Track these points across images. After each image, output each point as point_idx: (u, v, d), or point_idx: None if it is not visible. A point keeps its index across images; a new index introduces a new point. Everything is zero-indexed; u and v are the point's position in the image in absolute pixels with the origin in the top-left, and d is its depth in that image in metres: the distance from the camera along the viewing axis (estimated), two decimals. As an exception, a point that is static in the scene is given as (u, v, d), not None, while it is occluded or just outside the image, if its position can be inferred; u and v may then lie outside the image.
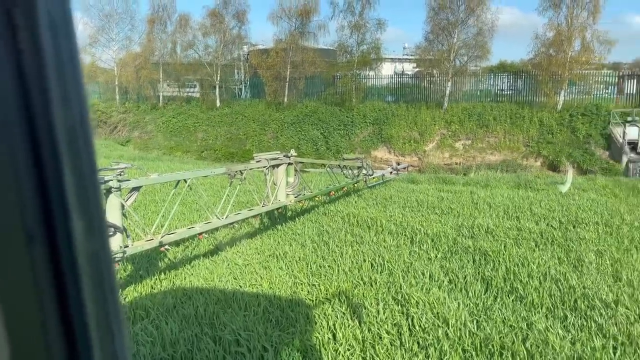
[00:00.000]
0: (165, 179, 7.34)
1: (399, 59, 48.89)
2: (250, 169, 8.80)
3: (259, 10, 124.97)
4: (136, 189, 6.41)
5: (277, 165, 9.39)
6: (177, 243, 8.31)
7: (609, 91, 30.95)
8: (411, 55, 44.98)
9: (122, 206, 6.06)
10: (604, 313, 5.11)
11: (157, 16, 40.78)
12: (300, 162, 10.41)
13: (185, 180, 7.28)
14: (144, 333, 4.98)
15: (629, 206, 11.21)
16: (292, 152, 9.84)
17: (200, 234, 7.52)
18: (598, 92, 30.58)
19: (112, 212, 5.89)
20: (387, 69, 40.41)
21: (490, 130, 29.49)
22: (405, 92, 35.65)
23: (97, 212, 0.58)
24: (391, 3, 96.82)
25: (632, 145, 25.42)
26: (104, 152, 30.24)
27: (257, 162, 9.03)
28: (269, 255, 7.90)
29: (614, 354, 4.26)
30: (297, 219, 10.47)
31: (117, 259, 5.90)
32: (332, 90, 35.99)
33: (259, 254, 8.09)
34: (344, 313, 5.33)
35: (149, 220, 9.49)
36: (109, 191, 5.82)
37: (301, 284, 6.46)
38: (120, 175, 6.00)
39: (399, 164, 27.56)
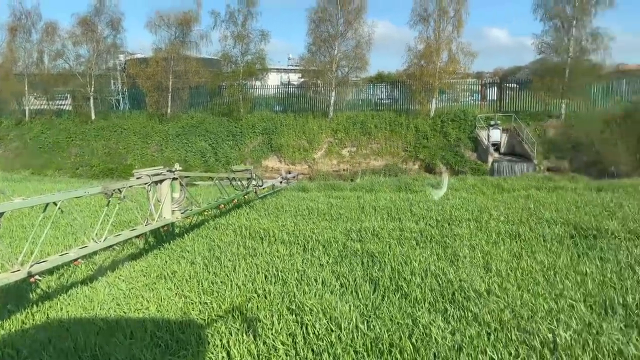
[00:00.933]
0: (31, 203, 6.58)
1: (284, 69, 49.63)
2: (130, 187, 8.25)
3: (134, 18, 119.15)
4: (-4, 215, 5.67)
5: (161, 181, 8.93)
6: (50, 271, 7.50)
7: (474, 98, 34.57)
8: (296, 65, 46.01)
9: (-22, 236, 5.35)
10: (478, 302, 5.60)
11: (20, 24, 37.58)
12: (186, 177, 10.01)
13: (55, 203, 6.60)
14: (12, 376, 4.43)
15: (495, 202, 12.50)
16: (177, 166, 9.43)
17: (75, 259, 6.86)
18: (465, 99, 34.00)
19: (-34, 244, 5.17)
20: (273, 79, 40.75)
21: (373, 137, 31.22)
22: (292, 101, 36.34)
23: None
24: (274, 14, 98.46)
25: (496, 146, 28.76)
26: (-43, 174, 26.60)
27: (138, 178, 8.50)
28: (156, 276, 7.47)
29: (488, 339, 4.67)
30: (185, 235, 10.06)
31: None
32: (219, 100, 35.41)
33: (144, 276, 7.61)
34: (238, 329, 5.20)
35: (17, 248, 8.50)
36: (-38, 220, 5.10)
37: (192, 303, 6.20)
38: (-24, 200, 5.29)
39: (289, 173, 27.93)
